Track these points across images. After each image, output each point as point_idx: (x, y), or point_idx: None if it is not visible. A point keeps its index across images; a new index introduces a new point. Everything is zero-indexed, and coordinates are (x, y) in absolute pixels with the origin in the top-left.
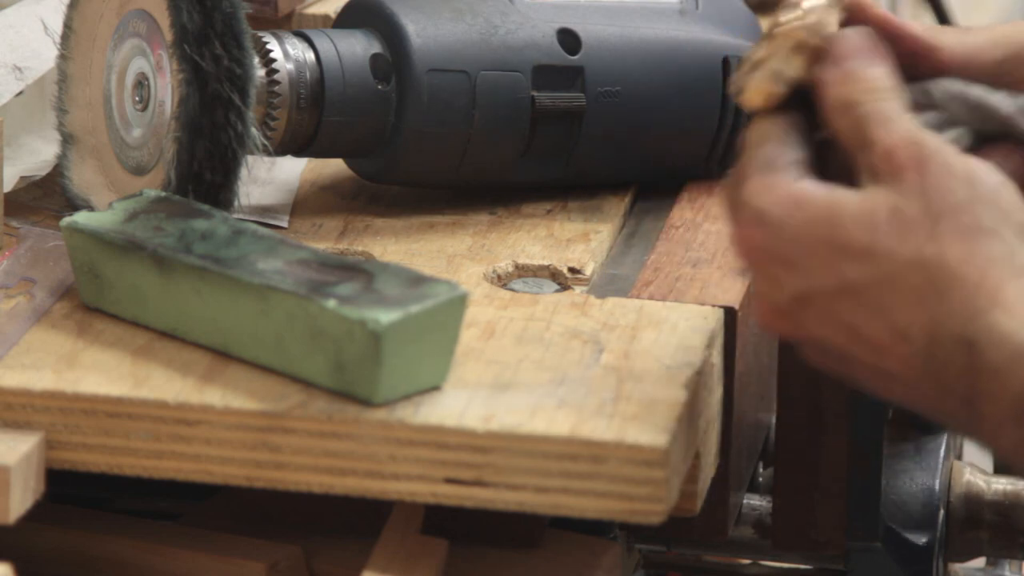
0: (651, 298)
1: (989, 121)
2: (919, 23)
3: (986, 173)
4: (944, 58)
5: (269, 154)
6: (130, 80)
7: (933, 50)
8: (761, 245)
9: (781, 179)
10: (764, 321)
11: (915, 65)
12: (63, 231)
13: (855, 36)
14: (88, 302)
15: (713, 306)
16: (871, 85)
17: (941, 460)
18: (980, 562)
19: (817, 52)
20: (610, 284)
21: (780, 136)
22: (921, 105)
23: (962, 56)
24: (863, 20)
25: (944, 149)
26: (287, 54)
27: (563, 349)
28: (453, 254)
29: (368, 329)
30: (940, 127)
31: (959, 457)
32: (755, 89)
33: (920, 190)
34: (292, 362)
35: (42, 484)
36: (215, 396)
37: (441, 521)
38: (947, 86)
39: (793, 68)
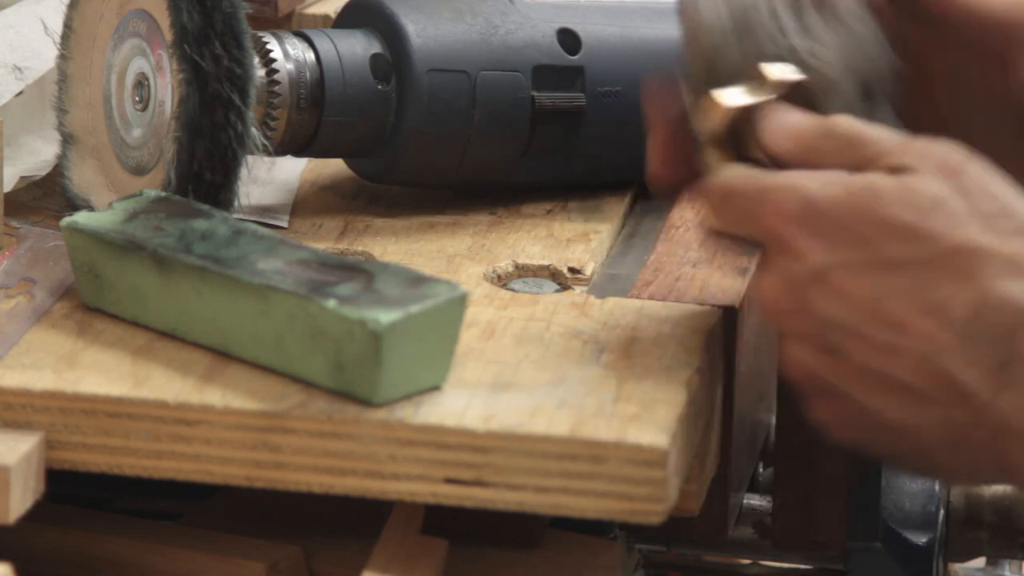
0: (651, 298)
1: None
2: None
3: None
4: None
5: (269, 154)
6: (130, 80)
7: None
8: (794, 214)
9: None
10: (770, 300)
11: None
12: (63, 231)
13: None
14: (88, 302)
15: (713, 306)
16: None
17: None
18: (980, 562)
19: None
20: (610, 284)
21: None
22: None
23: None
24: None
25: (976, 160)
26: (287, 54)
27: (563, 349)
28: (453, 254)
29: (368, 329)
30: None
31: None
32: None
33: (962, 190)
34: (292, 362)
35: (42, 484)
36: (215, 396)
37: (441, 521)
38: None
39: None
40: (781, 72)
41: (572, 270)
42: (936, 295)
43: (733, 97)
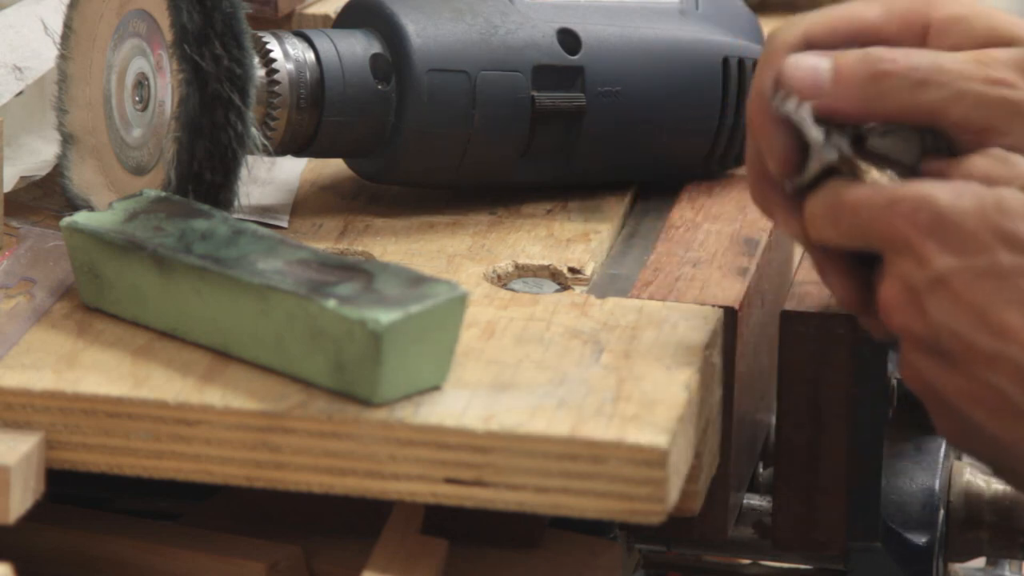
0: (651, 298)
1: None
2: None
3: None
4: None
5: (269, 154)
6: (130, 80)
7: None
8: (925, 223)
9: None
10: (891, 305)
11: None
12: (63, 231)
13: None
14: (88, 302)
15: (713, 306)
16: None
17: (941, 460)
18: (980, 562)
19: None
20: (610, 284)
21: None
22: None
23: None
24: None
25: None
26: (287, 54)
27: (563, 349)
28: (453, 254)
29: (368, 329)
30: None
31: (959, 457)
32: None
33: None
34: (292, 362)
35: (42, 484)
36: (215, 396)
37: (441, 521)
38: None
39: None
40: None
41: (572, 270)
42: None
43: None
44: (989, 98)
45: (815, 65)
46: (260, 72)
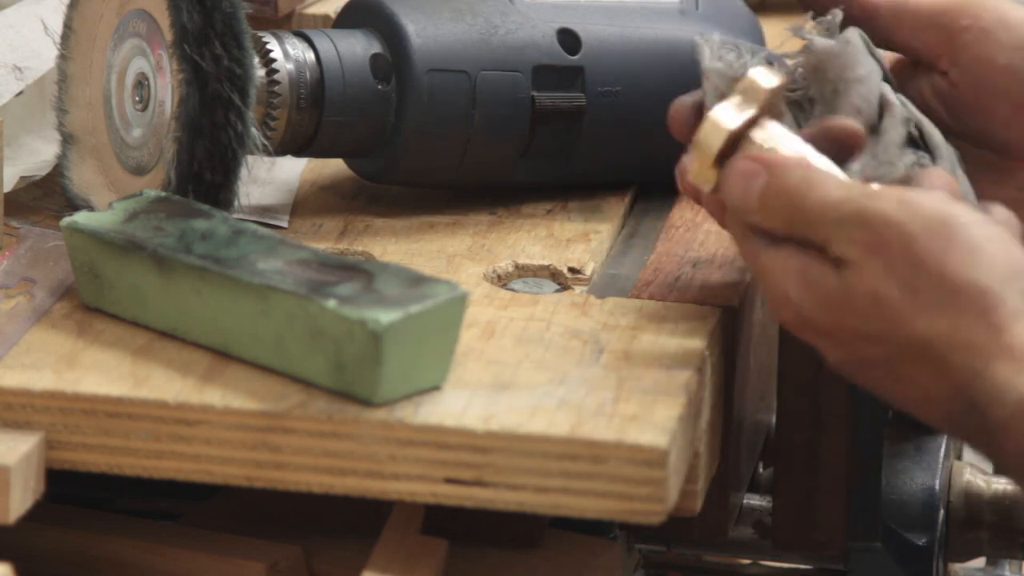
0: (651, 298)
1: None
2: None
3: (942, 221)
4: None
5: (269, 154)
6: (130, 80)
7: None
8: (796, 324)
9: (781, 252)
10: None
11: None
12: (63, 231)
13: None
14: (88, 302)
15: (713, 306)
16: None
17: (941, 460)
18: (980, 562)
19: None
20: (610, 284)
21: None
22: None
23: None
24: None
25: (896, 214)
26: (287, 54)
27: (563, 349)
28: (453, 254)
29: (368, 329)
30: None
31: (959, 457)
32: (707, 128)
33: (890, 269)
34: (292, 362)
35: (42, 484)
36: (215, 396)
37: (441, 521)
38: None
39: (745, 112)
40: (767, 79)
41: (572, 270)
42: (923, 387)
43: (729, 116)
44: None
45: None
46: (260, 72)
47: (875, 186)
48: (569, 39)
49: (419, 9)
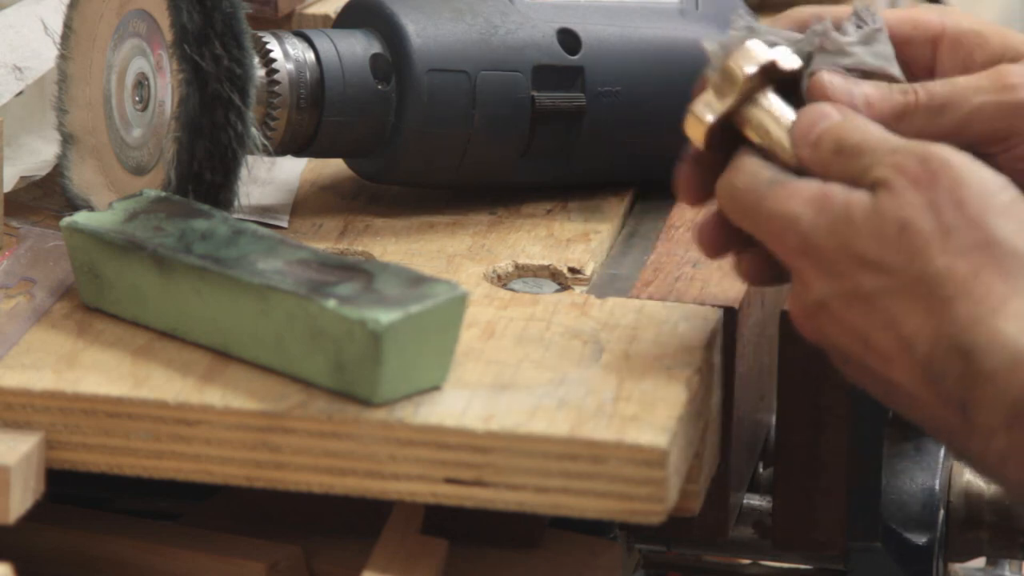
0: (651, 298)
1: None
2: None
3: (1001, 187)
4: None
5: (269, 154)
6: (130, 80)
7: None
8: (794, 248)
9: (798, 183)
10: (796, 323)
11: None
12: (63, 231)
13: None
14: (88, 302)
15: (713, 306)
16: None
17: (941, 460)
18: (980, 562)
19: (748, 86)
20: (610, 284)
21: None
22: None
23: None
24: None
25: (957, 160)
26: (287, 54)
27: (563, 349)
28: (453, 254)
29: (368, 329)
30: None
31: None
32: (689, 121)
33: (931, 204)
34: (292, 362)
35: (42, 484)
36: (215, 396)
37: (441, 521)
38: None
39: (724, 102)
40: (749, 64)
41: (572, 270)
42: (906, 330)
43: (707, 110)
44: (1008, 105)
45: (850, 90)
46: (260, 72)
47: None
48: (569, 39)
49: (419, 9)
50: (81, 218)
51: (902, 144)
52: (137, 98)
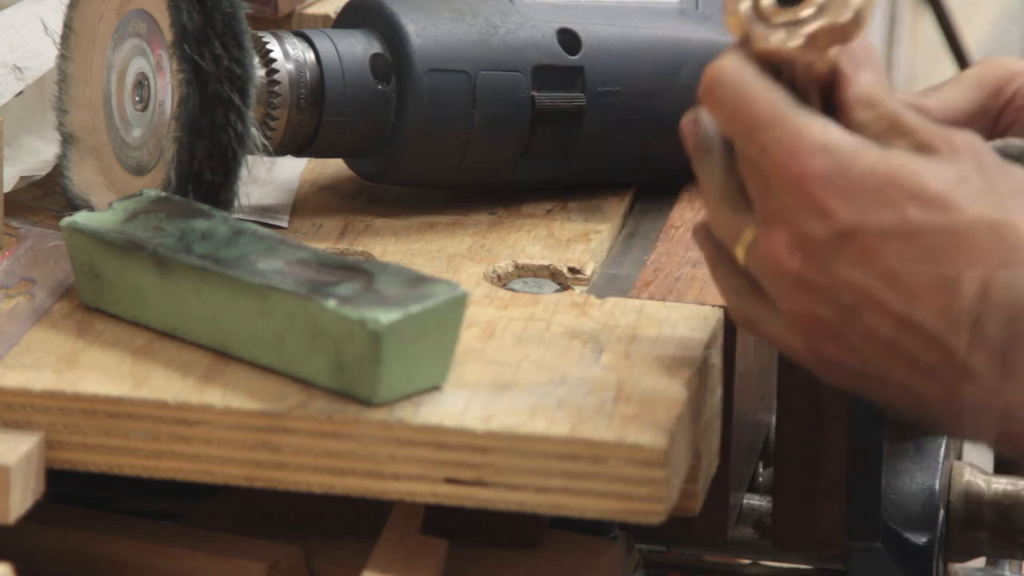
0: (651, 298)
1: None
2: (902, 95)
3: None
4: (935, 117)
5: (269, 154)
6: (130, 80)
7: (926, 111)
8: (821, 174)
9: (846, 128)
10: (782, 253)
11: None
12: (63, 231)
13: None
14: (88, 302)
15: (713, 306)
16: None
17: (941, 460)
18: (980, 562)
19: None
20: (610, 284)
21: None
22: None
23: (944, 110)
24: None
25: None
26: (287, 54)
27: (563, 349)
28: (453, 254)
29: (368, 329)
30: None
31: (959, 457)
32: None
33: (982, 169)
34: (292, 362)
35: (42, 484)
36: (215, 396)
37: (441, 521)
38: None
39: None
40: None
41: (572, 270)
42: (951, 269)
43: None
44: None
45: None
46: (260, 72)
47: None
48: (569, 39)
49: (419, 9)
50: (81, 218)
51: (937, 126)
52: (137, 98)
